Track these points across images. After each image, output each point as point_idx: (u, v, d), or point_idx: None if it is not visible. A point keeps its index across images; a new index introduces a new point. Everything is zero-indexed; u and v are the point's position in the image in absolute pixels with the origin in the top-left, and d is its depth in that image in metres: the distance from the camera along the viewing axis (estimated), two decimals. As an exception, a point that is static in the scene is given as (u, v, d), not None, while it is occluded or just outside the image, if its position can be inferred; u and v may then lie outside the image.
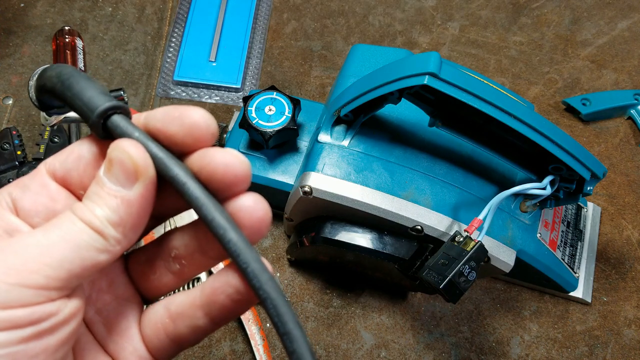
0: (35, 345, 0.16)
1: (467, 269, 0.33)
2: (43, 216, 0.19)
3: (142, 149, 0.18)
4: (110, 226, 0.17)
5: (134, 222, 0.18)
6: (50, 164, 0.20)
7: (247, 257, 0.18)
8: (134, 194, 0.17)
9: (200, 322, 0.20)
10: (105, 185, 0.18)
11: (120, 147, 0.17)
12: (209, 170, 0.18)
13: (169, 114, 0.18)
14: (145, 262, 0.22)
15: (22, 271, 0.16)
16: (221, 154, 0.18)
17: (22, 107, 0.57)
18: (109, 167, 0.18)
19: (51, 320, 0.17)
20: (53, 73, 0.19)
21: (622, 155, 0.57)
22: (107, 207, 0.17)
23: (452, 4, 0.66)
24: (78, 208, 0.18)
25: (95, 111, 0.18)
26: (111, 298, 0.21)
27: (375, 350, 0.47)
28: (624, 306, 0.50)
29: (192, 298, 0.20)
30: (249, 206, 0.19)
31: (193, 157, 0.19)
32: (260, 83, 0.60)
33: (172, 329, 0.21)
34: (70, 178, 0.19)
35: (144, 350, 0.21)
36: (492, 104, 0.33)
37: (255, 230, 0.19)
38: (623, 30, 0.65)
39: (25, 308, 0.16)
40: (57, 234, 0.17)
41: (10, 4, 0.63)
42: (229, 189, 0.18)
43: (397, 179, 0.39)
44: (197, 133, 0.18)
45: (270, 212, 0.19)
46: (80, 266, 0.17)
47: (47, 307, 0.16)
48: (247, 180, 0.18)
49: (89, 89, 0.18)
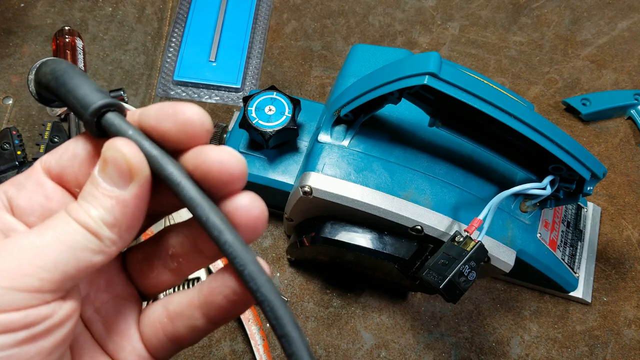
0: (30, 348, 0.16)
1: (467, 269, 0.33)
2: (38, 215, 0.19)
3: (136, 148, 0.17)
4: (105, 227, 0.17)
5: (129, 222, 0.18)
6: (45, 162, 0.19)
7: (244, 260, 0.17)
8: (128, 194, 0.17)
9: (198, 323, 0.20)
10: (99, 186, 0.17)
11: (114, 147, 0.17)
12: (203, 168, 0.18)
13: (162, 111, 0.18)
14: (143, 260, 0.22)
15: (16, 274, 0.16)
16: (216, 152, 0.18)
17: (22, 107, 0.57)
18: (103, 167, 0.17)
19: (45, 323, 0.16)
20: (47, 69, 0.19)
21: (622, 155, 0.57)
22: (101, 208, 0.17)
23: (452, 4, 0.66)
24: (73, 209, 0.17)
25: (88, 109, 0.18)
26: (109, 297, 0.21)
27: (375, 350, 0.47)
28: (624, 306, 0.50)
29: (190, 298, 0.20)
30: (245, 205, 0.18)
31: (188, 155, 0.18)
32: (260, 83, 0.60)
33: (171, 329, 0.20)
34: (65, 175, 0.19)
35: (143, 349, 0.21)
36: (492, 104, 0.33)
37: (251, 229, 0.18)
38: (623, 30, 0.65)
39: (19, 311, 0.16)
40: (51, 235, 0.17)
41: (10, 4, 0.63)
42: (224, 188, 0.18)
43: (397, 179, 0.39)
44: (191, 130, 0.18)
45: (266, 211, 0.19)
46: (75, 268, 0.17)
47: (41, 309, 0.16)
48: (243, 179, 0.18)
49: (82, 86, 0.18)
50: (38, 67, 0.20)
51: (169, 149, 0.18)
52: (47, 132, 0.52)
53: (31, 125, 0.55)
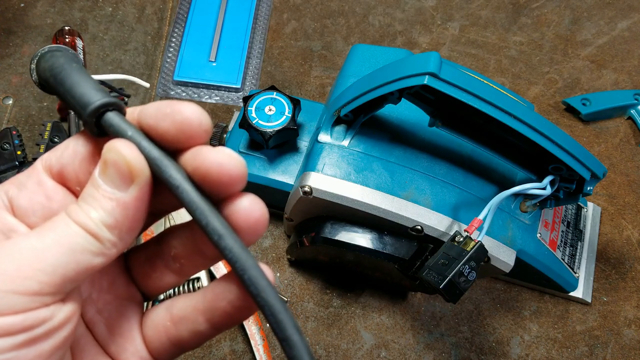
0: (29, 351, 0.16)
1: (467, 269, 0.33)
2: (40, 215, 0.19)
3: (136, 150, 0.17)
4: (105, 229, 0.17)
5: (130, 224, 0.18)
6: (46, 160, 0.19)
7: (244, 264, 0.17)
8: (129, 196, 0.17)
9: (202, 327, 0.20)
10: (100, 188, 0.17)
11: (114, 149, 0.17)
12: (202, 170, 0.17)
13: (160, 110, 0.18)
14: (146, 262, 0.22)
15: (15, 277, 0.16)
16: (214, 153, 0.17)
17: (22, 107, 0.57)
18: (103, 168, 0.17)
19: (45, 326, 0.16)
20: (46, 65, 0.19)
21: (622, 155, 0.57)
22: (102, 210, 0.17)
23: (452, 4, 0.66)
24: (73, 210, 0.17)
25: (87, 109, 0.17)
26: (112, 298, 0.21)
27: (375, 350, 0.47)
28: (624, 306, 0.50)
29: (195, 303, 0.20)
30: (245, 208, 0.18)
31: (187, 155, 0.18)
32: (260, 83, 0.60)
33: (174, 332, 0.20)
34: (66, 174, 0.19)
35: (145, 351, 0.21)
36: (492, 104, 0.33)
37: (251, 232, 0.18)
38: (623, 30, 0.65)
39: (18, 315, 0.16)
40: (51, 238, 0.17)
41: (10, 4, 0.63)
42: (224, 190, 0.18)
43: (397, 179, 0.39)
44: (189, 130, 0.18)
45: (267, 213, 0.19)
46: (74, 270, 0.17)
47: (40, 312, 0.16)
48: (243, 180, 0.18)
49: (80, 84, 0.18)
50: (37, 60, 0.19)
51: (168, 149, 0.18)
52: (47, 132, 0.52)
53: (31, 125, 0.55)
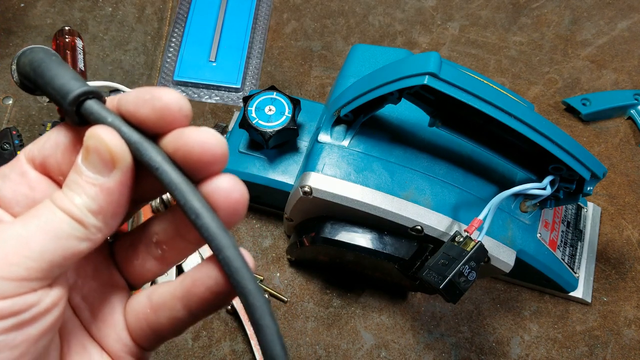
0: (16, 335, 0.16)
1: (467, 269, 0.33)
2: (23, 205, 0.19)
3: (117, 135, 0.17)
4: (90, 214, 0.17)
5: (114, 209, 0.18)
6: (29, 151, 0.20)
7: (220, 243, 0.17)
8: (112, 181, 0.17)
9: (180, 314, 0.20)
10: (83, 174, 0.18)
11: (95, 135, 0.17)
12: (185, 150, 0.18)
13: (140, 97, 0.18)
14: (129, 248, 0.22)
15: (2, 264, 0.16)
16: (196, 133, 0.18)
17: (22, 107, 0.57)
18: (85, 155, 0.18)
19: (32, 310, 0.17)
20: (26, 60, 0.19)
21: (622, 155, 0.57)
22: (86, 196, 0.17)
23: (452, 4, 0.66)
24: (57, 197, 0.18)
25: (67, 98, 0.18)
26: (97, 284, 0.21)
27: (375, 350, 0.47)
28: (624, 306, 0.50)
29: (173, 289, 0.20)
30: (225, 188, 0.18)
31: (168, 137, 0.18)
32: (260, 83, 0.60)
33: (154, 319, 0.20)
34: (48, 164, 0.19)
35: (128, 338, 0.21)
36: (492, 104, 0.33)
37: (231, 212, 0.18)
38: (623, 30, 0.65)
39: (6, 300, 0.16)
40: (36, 224, 0.17)
41: (10, 4, 0.63)
42: (205, 169, 0.18)
43: (397, 179, 0.39)
44: (169, 116, 0.18)
45: (247, 194, 0.19)
46: (61, 256, 0.17)
47: (28, 297, 0.16)
48: (224, 159, 0.18)
49: (60, 76, 0.18)
50: (17, 58, 0.20)
51: (149, 134, 0.18)
52: (47, 132, 0.52)
53: (31, 125, 0.55)
